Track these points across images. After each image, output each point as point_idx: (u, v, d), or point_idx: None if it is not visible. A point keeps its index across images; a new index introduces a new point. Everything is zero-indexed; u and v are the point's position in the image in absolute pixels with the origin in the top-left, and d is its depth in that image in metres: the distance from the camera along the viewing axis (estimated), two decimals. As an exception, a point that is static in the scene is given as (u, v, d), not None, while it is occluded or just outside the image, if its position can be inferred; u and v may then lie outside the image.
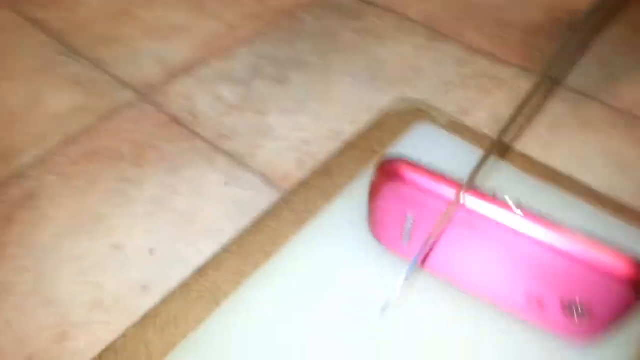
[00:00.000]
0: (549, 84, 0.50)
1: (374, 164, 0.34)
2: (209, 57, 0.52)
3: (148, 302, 0.34)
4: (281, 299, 0.34)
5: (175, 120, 0.46)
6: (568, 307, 0.30)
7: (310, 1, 0.59)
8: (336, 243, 0.37)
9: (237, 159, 0.43)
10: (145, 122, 0.45)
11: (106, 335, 0.33)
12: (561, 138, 0.46)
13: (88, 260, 0.36)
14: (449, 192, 0.31)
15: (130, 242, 0.37)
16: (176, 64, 0.51)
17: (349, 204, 0.39)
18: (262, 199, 0.40)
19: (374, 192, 0.34)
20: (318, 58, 0.52)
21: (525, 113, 0.47)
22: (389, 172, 0.32)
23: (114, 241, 0.37)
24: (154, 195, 0.40)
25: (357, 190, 0.40)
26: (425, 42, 0.54)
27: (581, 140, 0.46)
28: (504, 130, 0.31)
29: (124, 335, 0.32)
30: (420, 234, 0.33)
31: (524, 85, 0.50)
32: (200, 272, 0.35)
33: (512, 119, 0.31)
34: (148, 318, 0.33)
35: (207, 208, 0.39)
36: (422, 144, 0.43)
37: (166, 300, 0.34)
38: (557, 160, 0.43)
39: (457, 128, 0.45)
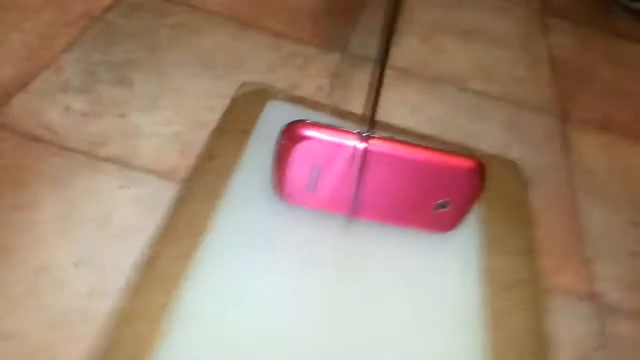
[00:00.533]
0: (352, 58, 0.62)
1: (280, 132, 0.41)
2: (37, 70, 0.50)
3: (103, 305, 0.35)
4: (233, 272, 0.39)
5: (35, 139, 0.44)
6: (437, 206, 0.42)
7: (112, 3, 0.60)
8: (251, 210, 0.42)
9: (120, 163, 0.44)
10: (1, 147, 0.43)
11: (81, 347, 0.33)
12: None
13: (16, 289, 0.35)
14: (347, 139, 0.40)
15: (54, 261, 0.37)
16: (3, 84, 0.48)
17: (247, 176, 0.45)
18: (163, 192, 0.43)
19: (282, 153, 0.40)
20: (149, 56, 0.54)
21: (339, 83, 0.58)
22: (294, 133, 0.40)
23: (36, 265, 0.37)
24: (55, 213, 0.40)
25: (247, 165, 0.45)
26: (238, 31, 0.61)
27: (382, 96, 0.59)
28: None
29: (109, 337, 0.34)
30: (325, 180, 0.41)
31: (326, 59, 0.61)
32: (140, 266, 0.38)
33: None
34: (121, 316, 0.35)
35: (115, 212, 0.41)
36: (279, 119, 0.50)
37: (127, 297, 0.36)
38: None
39: (300, 101, 0.54)
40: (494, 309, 0.41)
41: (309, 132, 0.40)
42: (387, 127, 0.54)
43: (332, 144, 0.40)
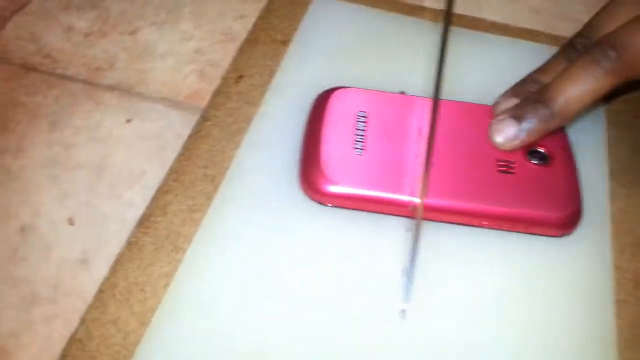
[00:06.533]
0: None
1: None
2: (38, -14, 0.42)
3: (95, 276, 0.28)
4: (246, 229, 0.30)
5: (30, 68, 0.37)
6: (532, 156, 0.31)
7: None
8: (282, 150, 0.33)
9: (127, 90, 0.36)
10: (-9, 80, 0.36)
11: (59, 331, 0.26)
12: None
13: (-6, 255, 0.29)
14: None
15: (40, 219, 0.30)
16: (-1, 4, 0.41)
17: (282, 102, 0.35)
18: (176, 125, 0.34)
19: (315, 113, 0.32)
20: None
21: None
22: (328, 93, 0.33)
23: (19, 224, 0.30)
24: (46, 158, 0.32)
25: (283, 86, 0.35)
26: None
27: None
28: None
29: (82, 322, 0.26)
30: (377, 135, 0.31)
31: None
32: (144, 222, 0.30)
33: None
34: (103, 293, 0.27)
35: (118, 154, 0.33)
36: (327, 24, 0.39)
37: (117, 267, 0.28)
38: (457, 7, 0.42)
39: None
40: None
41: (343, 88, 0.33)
42: (475, 22, 0.41)
43: (379, 95, 0.32)
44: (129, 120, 0.34)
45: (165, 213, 0.30)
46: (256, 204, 0.30)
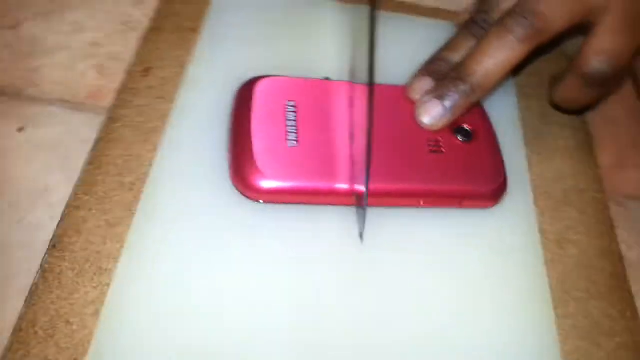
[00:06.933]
0: None
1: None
2: None
3: (8, 314, 0.24)
4: (178, 239, 0.27)
5: None
6: (458, 133, 0.32)
7: None
8: (205, 150, 0.30)
9: (15, 94, 0.31)
10: None
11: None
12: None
13: None
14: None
15: None
16: None
17: (199, 97, 0.32)
18: (79, 129, 0.30)
19: (239, 109, 0.30)
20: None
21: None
22: (252, 83, 0.31)
23: None
24: None
25: (198, 79, 0.32)
26: None
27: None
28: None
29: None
30: (307, 122, 0.30)
31: None
32: (58, 245, 0.26)
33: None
34: (22, 332, 0.23)
35: (13, 169, 0.28)
36: (239, 5, 0.36)
37: (33, 300, 0.24)
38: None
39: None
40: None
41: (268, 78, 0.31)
42: (384, 2, 0.40)
43: (305, 82, 0.31)
44: (21, 129, 0.30)
45: (80, 232, 0.26)
46: (185, 209, 0.28)
